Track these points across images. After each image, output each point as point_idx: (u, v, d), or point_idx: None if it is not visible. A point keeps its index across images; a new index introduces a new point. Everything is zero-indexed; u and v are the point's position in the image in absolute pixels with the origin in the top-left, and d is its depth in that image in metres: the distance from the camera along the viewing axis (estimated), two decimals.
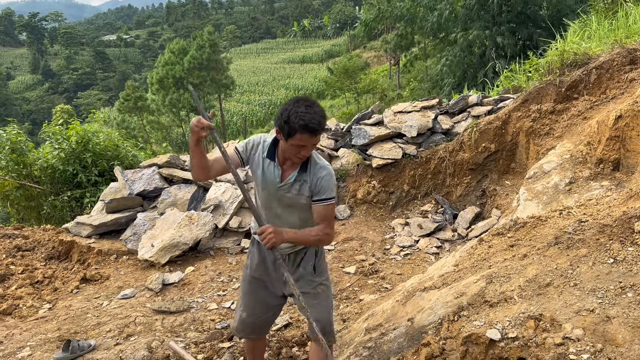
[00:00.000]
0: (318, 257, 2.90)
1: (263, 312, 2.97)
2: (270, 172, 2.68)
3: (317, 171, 2.66)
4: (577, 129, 5.78)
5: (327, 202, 2.68)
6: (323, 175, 2.66)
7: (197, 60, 35.76)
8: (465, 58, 19.82)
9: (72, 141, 8.50)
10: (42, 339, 4.15)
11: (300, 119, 2.43)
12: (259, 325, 3.03)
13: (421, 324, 3.06)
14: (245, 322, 3.00)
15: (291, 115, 2.45)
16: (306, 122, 2.42)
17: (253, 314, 2.97)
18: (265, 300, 2.94)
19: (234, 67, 51.07)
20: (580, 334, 2.41)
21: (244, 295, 2.99)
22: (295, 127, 2.43)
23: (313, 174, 2.66)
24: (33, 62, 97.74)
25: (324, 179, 2.66)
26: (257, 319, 2.98)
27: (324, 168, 2.68)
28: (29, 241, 6.50)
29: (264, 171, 2.70)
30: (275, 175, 2.67)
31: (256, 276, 2.92)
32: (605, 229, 3.05)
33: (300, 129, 2.43)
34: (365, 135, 7.16)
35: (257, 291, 2.93)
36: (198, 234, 5.77)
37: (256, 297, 2.94)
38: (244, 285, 3.01)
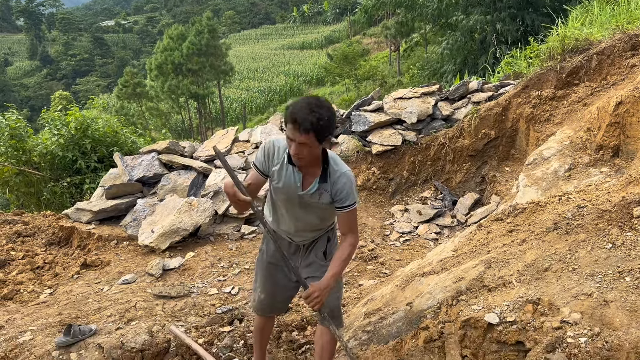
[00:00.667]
0: (330, 243, 2.94)
1: (281, 294, 3.05)
2: (290, 177, 2.66)
3: (336, 180, 2.63)
4: (577, 115, 5.77)
5: (351, 208, 2.68)
6: (343, 183, 2.63)
7: (195, 46, 35.51)
8: (466, 44, 19.71)
9: (71, 127, 8.48)
10: (43, 323, 4.18)
11: (292, 109, 2.43)
12: (278, 305, 3.12)
13: (420, 308, 3.08)
14: (264, 303, 3.07)
15: (290, 105, 2.46)
16: (294, 112, 2.40)
17: (271, 296, 3.03)
18: (282, 283, 3.00)
19: (233, 53, 50.77)
20: (578, 317, 2.43)
21: (262, 279, 3.04)
22: (286, 116, 2.45)
23: (333, 182, 2.64)
24: (31, 48, 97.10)
25: (345, 186, 2.63)
26: (275, 300, 3.06)
27: (343, 175, 2.64)
28: (29, 227, 6.52)
29: (285, 176, 2.67)
30: (296, 180, 2.65)
31: (273, 262, 2.97)
32: (604, 214, 3.06)
33: (289, 119, 2.42)
34: (365, 122, 7.15)
35: (274, 275, 2.99)
36: (198, 220, 5.78)
37: (273, 281, 3.00)
38: (260, 269, 3.05)
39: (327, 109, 2.46)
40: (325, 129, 2.41)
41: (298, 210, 2.75)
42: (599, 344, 2.25)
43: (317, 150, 2.53)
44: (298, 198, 2.68)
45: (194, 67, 35.67)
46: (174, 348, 3.72)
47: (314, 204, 2.70)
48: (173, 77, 35.56)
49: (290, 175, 2.65)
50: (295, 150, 2.47)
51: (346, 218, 2.70)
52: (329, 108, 2.47)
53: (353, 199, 2.66)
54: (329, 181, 2.63)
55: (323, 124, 2.39)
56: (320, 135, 2.42)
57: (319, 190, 2.64)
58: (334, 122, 2.50)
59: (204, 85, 37.74)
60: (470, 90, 7.39)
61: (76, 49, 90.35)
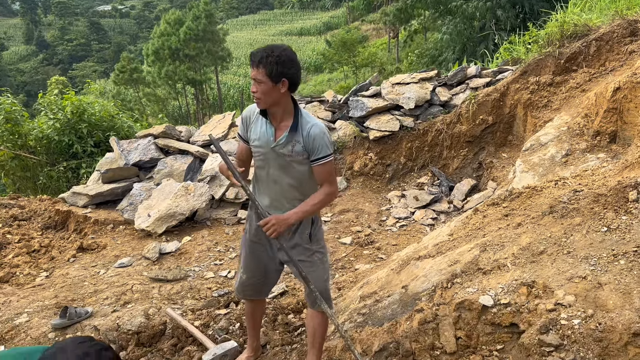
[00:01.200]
0: (314, 226, 2.90)
1: (262, 274, 3.01)
2: (264, 132, 2.70)
3: (308, 131, 2.65)
4: (575, 101, 5.75)
5: (325, 160, 2.68)
6: (315, 134, 2.64)
7: (193, 31, 35.22)
8: (465, 30, 19.63)
9: (68, 111, 8.44)
10: (39, 305, 4.18)
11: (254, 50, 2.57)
12: (258, 287, 3.07)
13: (415, 291, 3.10)
14: (246, 284, 3.05)
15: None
16: (252, 52, 2.54)
17: (253, 276, 3.01)
18: (264, 263, 2.98)
19: (230, 38, 50.39)
20: (572, 300, 2.44)
21: (244, 258, 3.03)
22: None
23: (305, 133, 2.65)
24: (27, 33, 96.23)
25: (317, 137, 2.64)
26: (257, 280, 3.03)
27: (315, 126, 2.66)
28: (25, 211, 6.51)
29: (259, 131, 2.72)
30: (269, 134, 2.69)
31: (255, 240, 2.95)
32: (599, 199, 3.06)
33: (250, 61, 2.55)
34: (363, 107, 7.12)
35: (256, 254, 2.97)
36: (195, 204, 5.78)
37: (255, 259, 2.98)
38: (243, 248, 3.05)
39: (283, 49, 2.53)
40: (275, 64, 2.46)
41: (274, 171, 2.74)
42: (592, 325, 2.26)
43: (274, 92, 2.54)
44: (272, 152, 2.69)
45: (191, 52, 35.42)
46: (169, 330, 3.73)
47: (287, 159, 2.68)
48: (170, 62, 35.33)
49: (263, 128, 2.70)
50: (252, 88, 2.56)
51: (322, 171, 2.70)
52: (285, 49, 2.54)
53: (327, 151, 2.67)
54: (301, 133, 2.65)
55: (272, 59, 2.46)
56: (271, 71, 2.47)
57: (291, 142, 2.65)
58: (291, 65, 2.53)
59: (201, 71, 37.50)
60: (468, 76, 7.36)
61: (72, 34, 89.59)
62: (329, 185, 2.73)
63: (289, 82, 2.54)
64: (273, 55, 2.47)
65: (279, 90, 2.53)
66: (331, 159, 2.71)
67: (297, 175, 2.73)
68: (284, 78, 2.50)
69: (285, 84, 2.53)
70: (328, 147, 2.68)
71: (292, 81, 2.56)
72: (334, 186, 2.77)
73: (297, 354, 3.20)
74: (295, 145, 2.65)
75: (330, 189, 2.73)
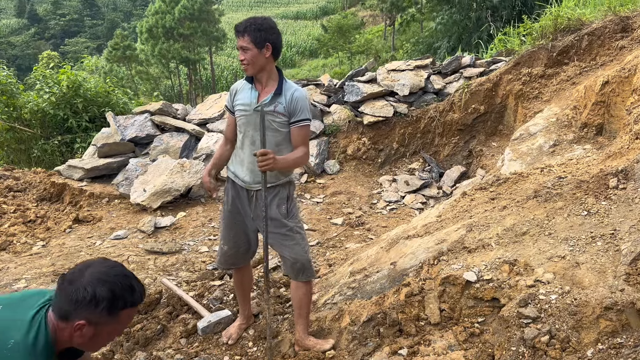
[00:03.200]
0: (289, 201, 3.05)
1: (242, 242, 3.16)
2: (248, 96, 2.91)
3: (292, 94, 2.87)
4: (565, 93, 5.90)
5: (304, 123, 2.90)
6: (297, 97, 2.87)
7: (188, 10, 34.94)
8: (461, 21, 19.69)
9: (63, 86, 8.46)
10: (37, 272, 4.29)
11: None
12: (240, 255, 3.22)
13: (403, 267, 3.24)
14: (227, 254, 3.20)
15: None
16: (237, 24, 2.79)
17: (234, 245, 3.16)
18: (243, 231, 3.13)
19: (225, 19, 49.96)
20: (551, 277, 2.60)
21: (224, 229, 3.19)
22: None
23: (288, 96, 2.87)
24: (19, 6, 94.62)
25: (299, 100, 2.87)
26: (237, 250, 3.18)
27: (297, 90, 2.90)
28: (20, 182, 6.57)
29: (244, 96, 2.93)
30: (252, 97, 2.89)
31: (233, 210, 3.10)
32: (582, 185, 3.22)
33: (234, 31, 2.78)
34: (358, 92, 7.22)
35: (235, 224, 3.12)
36: (190, 181, 5.88)
37: (235, 229, 3.13)
38: (223, 220, 3.20)
39: (264, 19, 2.80)
40: (259, 31, 2.73)
41: (254, 132, 2.90)
42: (567, 300, 2.42)
43: (260, 58, 2.78)
44: (253, 113, 2.87)
45: (186, 31, 35.17)
46: (165, 299, 3.85)
47: (268, 117, 2.84)
48: (164, 41, 35.07)
49: (248, 93, 2.92)
50: (240, 57, 2.79)
51: (300, 133, 2.91)
52: (265, 19, 2.81)
53: (307, 115, 2.90)
54: (284, 95, 2.87)
55: (256, 27, 2.73)
56: (255, 37, 2.73)
57: (274, 103, 2.86)
58: (272, 31, 2.79)
59: (195, 50, 37.28)
60: (462, 65, 7.48)
61: (65, 9, 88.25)
62: (304, 147, 2.95)
63: (272, 47, 2.78)
64: (256, 24, 2.74)
65: (264, 55, 2.77)
66: (309, 124, 2.94)
67: (275, 135, 2.90)
68: (267, 43, 2.75)
69: (269, 49, 2.77)
70: (308, 112, 2.91)
71: (275, 46, 2.80)
72: (308, 149, 3.01)
73: (289, 322, 3.35)
74: (277, 106, 2.86)
75: (305, 150, 2.96)
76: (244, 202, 3.06)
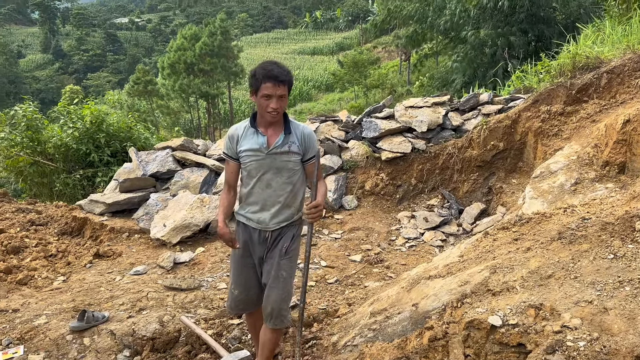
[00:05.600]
0: (294, 240, 3.08)
1: (254, 286, 3.16)
2: (256, 141, 2.93)
3: (302, 131, 2.97)
4: (585, 131, 5.88)
5: (315, 160, 2.97)
6: (308, 134, 2.99)
7: (208, 46, 35.84)
8: (476, 57, 19.86)
9: (87, 121, 8.65)
10: (57, 308, 4.30)
11: (263, 69, 2.79)
12: (251, 300, 3.21)
13: (425, 309, 3.19)
14: (238, 299, 3.19)
15: (257, 70, 2.82)
16: (268, 70, 2.77)
17: (245, 289, 3.16)
18: (255, 276, 3.14)
19: (244, 55, 51.03)
20: (578, 323, 2.54)
21: (235, 273, 3.18)
22: (260, 77, 2.77)
23: (299, 134, 2.96)
24: (44, 42, 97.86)
25: (311, 136, 2.99)
26: (248, 294, 3.18)
27: (305, 127, 3.01)
28: (42, 216, 6.66)
29: (251, 142, 2.94)
30: (262, 143, 2.91)
31: (244, 254, 3.11)
32: (607, 227, 3.17)
33: (264, 79, 2.75)
34: (376, 128, 7.27)
35: (246, 268, 3.13)
36: (209, 216, 5.91)
37: (245, 272, 3.13)
38: (233, 264, 3.19)
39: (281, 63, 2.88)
40: (291, 78, 2.83)
41: (269, 175, 2.94)
42: (597, 347, 2.36)
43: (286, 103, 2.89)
44: (268, 157, 2.91)
45: (206, 67, 35.97)
46: (184, 338, 3.84)
47: (283, 162, 2.92)
48: (185, 76, 35.86)
49: (255, 138, 2.93)
50: (276, 104, 2.80)
51: (314, 168, 2.97)
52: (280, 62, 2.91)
53: (317, 150, 3.00)
54: (294, 133, 2.95)
55: (289, 75, 2.83)
56: (291, 86, 2.84)
57: (287, 143, 2.92)
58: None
59: (214, 85, 38.02)
60: (480, 102, 7.51)
61: (89, 44, 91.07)
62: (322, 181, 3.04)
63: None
64: (288, 71, 2.83)
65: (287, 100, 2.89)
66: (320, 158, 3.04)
67: (290, 175, 2.97)
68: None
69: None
70: (317, 147, 3.03)
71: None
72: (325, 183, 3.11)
73: None
74: (292, 146, 2.93)
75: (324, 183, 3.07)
76: (256, 244, 3.08)
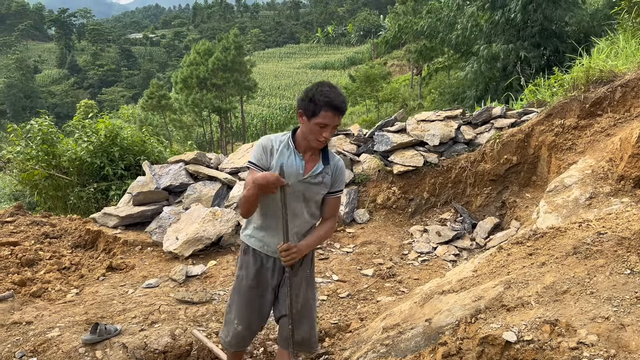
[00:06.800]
0: (312, 265, 2.97)
1: (257, 321, 2.95)
2: (292, 164, 2.67)
3: (336, 163, 2.80)
4: (600, 145, 5.82)
5: (340, 194, 2.84)
6: (341, 167, 2.81)
7: (221, 61, 36.26)
8: (488, 71, 19.86)
9: (101, 135, 8.75)
10: (70, 321, 4.32)
11: (325, 96, 2.53)
12: (252, 335, 3.04)
13: (438, 324, 3.16)
14: (241, 335, 2.94)
15: (316, 94, 2.54)
16: (331, 98, 2.53)
17: (249, 326, 2.93)
18: (262, 311, 2.93)
19: (256, 70, 51.57)
20: (595, 339, 2.50)
21: (241, 307, 2.91)
22: (320, 104, 2.53)
23: (332, 165, 2.77)
24: (60, 57, 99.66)
25: (342, 170, 2.82)
26: (252, 329, 2.98)
27: (340, 161, 2.83)
28: (56, 229, 6.72)
29: (287, 163, 2.67)
30: (298, 167, 2.68)
31: (254, 285, 2.88)
32: (623, 242, 3.13)
33: (325, 106, 2.52)
34: (388, 142, 7.27)
35: (254, 302, 2.90)
36: (221, 229, 5.93)
37: (254, 308, 2.91)
38: (240, 297, 2.92)
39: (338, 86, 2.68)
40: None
41: (296, 203, 2.71)
42: None
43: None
44: (299, 185, 2.69)
45: (219, 82, 36.36)
46: (195, 352, 3.83)
47: (313, 193, 2.72)
48: (197, 90, 36.27)
49: (292, 161, 2.68)
50: (326, 134, 2.59)
51: (334, 203, 2.84)
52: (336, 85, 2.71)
53: (343, 186, 2.84)
54: (330, 165, 2.76)
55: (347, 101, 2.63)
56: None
57: (322, 173, 2.73)
58: None
59: (227, 100, 38.39)
60: (493, 115, 7.49)
61: (104, 60, 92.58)
62: (333, 220, 2.86)
63: None
64: (346, 99, 2.63)
65: None
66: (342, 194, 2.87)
67: (316, 206, 2.81)
68: None
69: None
70: (344, 182, 2.85)
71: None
72: (336, 220, 2.90)
73: None
74: (325, 177, 2.74)
75: (334, 224, 2.88)
76: (268, 273, 2.87)
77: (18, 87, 73.63)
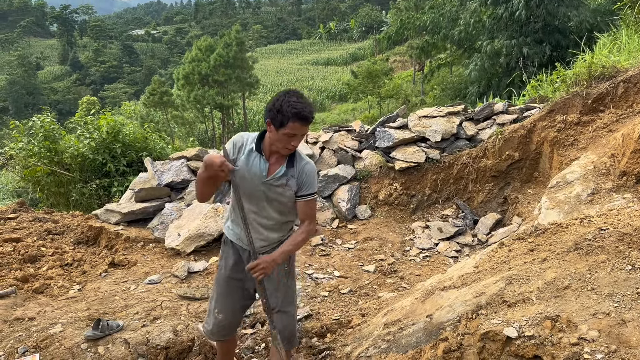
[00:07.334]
0: (290, 262, 2.98)
1: (238, 310, 3.04)
2: (256, 166, 2.74)
3: (303, 166, 2.79)
4: (602, 141, 5.81)
5: (310, 197, 2.82)
6: (308, 170, 2.79)
7: (223, 58, 36.21)
8: (491, 67, 19.82)
9: (103, 131, 8.77)
10: (72, 317, 4.34)
11: (293, 107, 2.56)
12: (235, 325, 3.11)
13: (440, 320, 3.16)
14: (222, 324, 3.03)
15: (284, 105, 2.58)
16: (299, 110, 2.56)
17: (230, 315, 3.02)
18: (241, 300, 3.01)
19: (258, 66, 51.50)
20: (596, 335, 2.50)
21: (220, 297, 3.01)
22: (288, 115, 2.56)
23: (300, 169, 2.78)
24: (62, 54, 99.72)
25: (309, 173, 2.80)
26: (233, 319, 3.05)
27: (308, 163, 2.81)
28: (59, 225, 6.74)
29: (250, 166, 2.75)
30: (262, 169, 2.74)
31: (233, 276, 2.96)
32: (624, 237, 3.12)
33: (293, 117, 2.56)
34: (390, 138, 7.26)
35: (234, 292, 2.98)
36: (223, 225, 5.93)
37: (233, 298, 2.99)
38: (219, 286, 3.02)
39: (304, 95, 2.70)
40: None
41: (259, 202, 2.79)
42: None
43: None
44: (262, 186, 2.73)
45: (221, 78, 36.32)
46: (197, 347, 3.84)
47: (277, 194, 2.75)
48: (199, 87, 36.25)
49: (257, 163, 2.74)
50: (294, 142, 2.65)
51: (307, 207, 2.82)
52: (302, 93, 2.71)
53: (314, 189, 2.82)
54: (296, 167, 2.77)
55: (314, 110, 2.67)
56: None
57: (286, 176, 2.75)
58: None
59: (229, 96, 38.35)
60: (495, 111, 7.47)
61: (106, 56, 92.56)
62: (309, 223, 2.85)
63: None
64: (313, 108, 2.66)
65: None
66: (316, 197, 2.85)
67: (280, 208, 2.82)
68: None
69: None
70: (315, 186, 2.83)
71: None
72: (314, 223, 2.89)
73: None
74: (290, 180, 2.76)
75: (311, 227, 2.85)
76: (244, 264, 2.90)
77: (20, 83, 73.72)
